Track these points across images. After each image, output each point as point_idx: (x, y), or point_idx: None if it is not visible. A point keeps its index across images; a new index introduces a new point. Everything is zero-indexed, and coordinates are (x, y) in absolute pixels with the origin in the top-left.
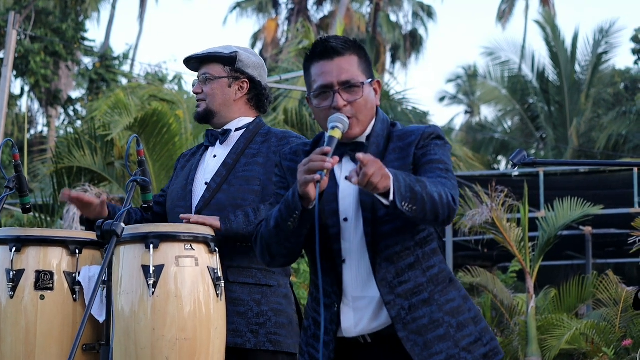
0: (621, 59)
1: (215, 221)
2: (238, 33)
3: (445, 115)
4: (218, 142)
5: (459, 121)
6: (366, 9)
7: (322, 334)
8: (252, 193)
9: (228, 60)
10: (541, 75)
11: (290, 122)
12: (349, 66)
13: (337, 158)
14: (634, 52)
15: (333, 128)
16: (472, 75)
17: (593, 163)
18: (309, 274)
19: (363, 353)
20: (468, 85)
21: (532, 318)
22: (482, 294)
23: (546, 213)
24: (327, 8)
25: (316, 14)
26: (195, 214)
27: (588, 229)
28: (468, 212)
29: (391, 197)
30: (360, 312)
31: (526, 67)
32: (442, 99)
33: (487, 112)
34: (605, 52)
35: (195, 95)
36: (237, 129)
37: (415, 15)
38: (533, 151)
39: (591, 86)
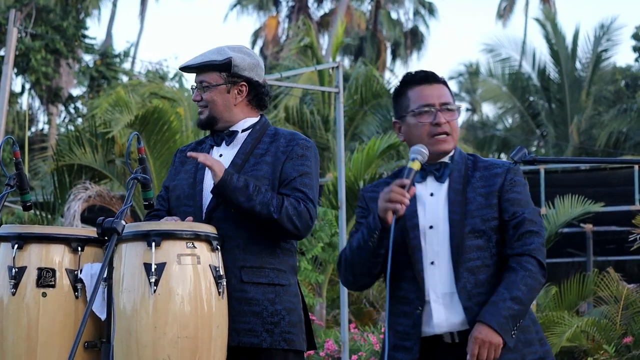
0: (622, 56)
1: (220, 170)
2: (239, 30)
3: None
4: (224, 143)
5: (460, 119)
6: (367, 7)
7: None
8: None
9: (223, 66)
10: (542, 72)
11: (291, 120)
12: (445, 92)
13: (414, 189)
14: (635, 49)
15: (413, 160)
16: (473, 72)
17: (594, 160)
18: (309, 272)
19: (445, 353)
20: (469, 83)
21: None
22: None
23: (547, 210)
24: (327, 5)
25: (317, 12)
26: (206, 215)
27: (589, 227)
28: None
29: (509, 344)
30: (450, 307)
31: (527, 65)
32: None
33: (488, 110)
34: (606, 50)
35: (195, 102)
36: (243, 130)
37: (416, 12)
38: (534, 148)
39: (592, 83)
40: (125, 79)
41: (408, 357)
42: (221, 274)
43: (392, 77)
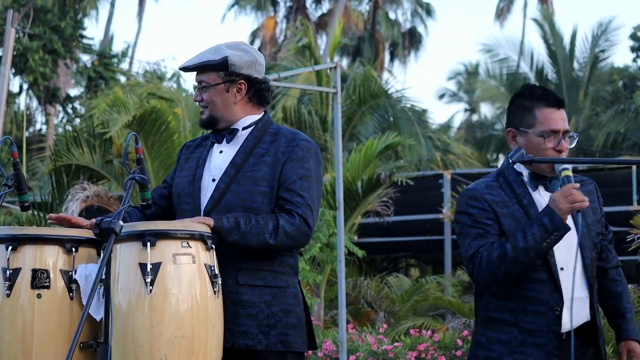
0: (620, 56)
1: (207, 222)
2: (236, 31)
3: (445, 113)
4: (225, 140)
5: (459, 119)
6: (365, 7)
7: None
8: (260, 194)
9: (220, 66)
10: (540, 73)
11: (288, 120)
12: (566, 118)
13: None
14: (633, 49)
15: (566, 169)
16: (472, 73)
17: (591, 161)
18: (307, 272)
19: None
20: (467, 83)
21: None
22: None
23: None
24: (325, 6)
25: (314, 12)
26: (204, 214)
27: None
28: None
29: None
30: (578, 310)
31: (525, 65)
32: (441, 97)
33: (487, 110)
34: (604, 50)
35: (196, 102)
36: (244, 128)
37: (414, 12)
38: None
39: (589, 84)
40: (123, 79)
41: (542, 353)
42: (216, 273)
43: (390, 78)
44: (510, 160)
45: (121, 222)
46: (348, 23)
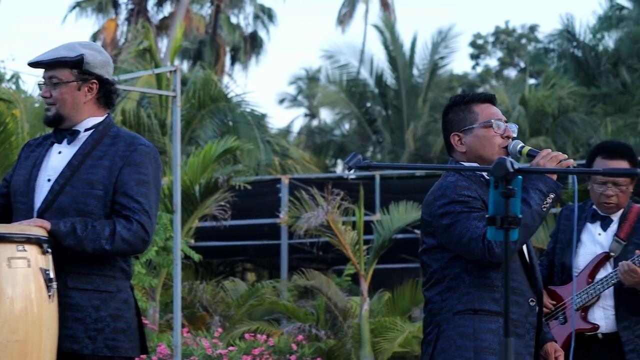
0: (459, 63)
1: (44, 225)
2: (77, 33)
3: (285, 118)
4: (66, 141)
5: (299, 124)
6: (207, 11)
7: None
8: (95, 198)
9: (75, 63)
10: (379, 79)
11: (127, 123)
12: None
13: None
14: (472, 56)
15: (523, 146)
16: (312, 78)
17: (429, 167)
18: (143, 276)
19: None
20: (308, 88)
21: (365, 321)
22: (317, 297)
23: (381, 216)
24: (167, 9)
25: (156, 15)
26: (37, 216)
27: None
28: (304, 214)
29: None
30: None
31: (365, 71)
32: (282, 101)
33: (326, 115)
34: (443, 57)
35: (43, 98)
36: (86, 129)
37: (256, 17)
38: (370, 154)
39: (429, 90)
40: None
41: (521, 343)
42: (51, 277)
43: (231, 82)
44: (348, 166)
45: None
46: (189, 26)
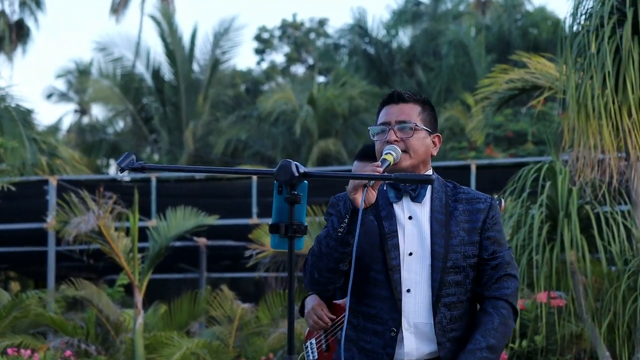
0: (243, 59)
1: None
2: None
3: (53, 114)
4: None
5: (68, 120)
6: None
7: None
8: None
9: None
10: (156, 73)
11: None
12: (409, 110)
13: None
14: (257, 51)
15: (387, 153)
16: (83, 71)
17: (209, 170)
18: None
19: None
20: (79, 82)
21: (139, 335)
22: (87, 309)
23: (158, 222)
24: None
25: None
26: None
27: (202, 240)
28: (73, 219)
29: None
30: (421, 338)
31: (141, 65)
32: (50, 96)
33: (99, 112)
34: (225, 52)
35: None
36: None
37: (22, 3)
38: (146, 155)
39: (210, 87)
40: None
41: None
42: None
43: None
44: (121, 167)
45: None
46: None
